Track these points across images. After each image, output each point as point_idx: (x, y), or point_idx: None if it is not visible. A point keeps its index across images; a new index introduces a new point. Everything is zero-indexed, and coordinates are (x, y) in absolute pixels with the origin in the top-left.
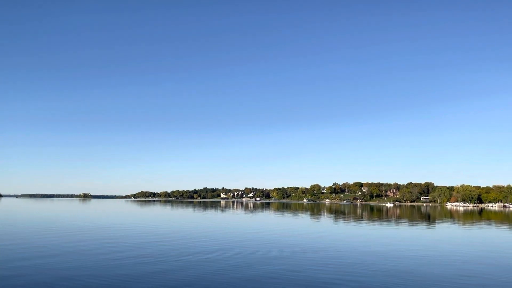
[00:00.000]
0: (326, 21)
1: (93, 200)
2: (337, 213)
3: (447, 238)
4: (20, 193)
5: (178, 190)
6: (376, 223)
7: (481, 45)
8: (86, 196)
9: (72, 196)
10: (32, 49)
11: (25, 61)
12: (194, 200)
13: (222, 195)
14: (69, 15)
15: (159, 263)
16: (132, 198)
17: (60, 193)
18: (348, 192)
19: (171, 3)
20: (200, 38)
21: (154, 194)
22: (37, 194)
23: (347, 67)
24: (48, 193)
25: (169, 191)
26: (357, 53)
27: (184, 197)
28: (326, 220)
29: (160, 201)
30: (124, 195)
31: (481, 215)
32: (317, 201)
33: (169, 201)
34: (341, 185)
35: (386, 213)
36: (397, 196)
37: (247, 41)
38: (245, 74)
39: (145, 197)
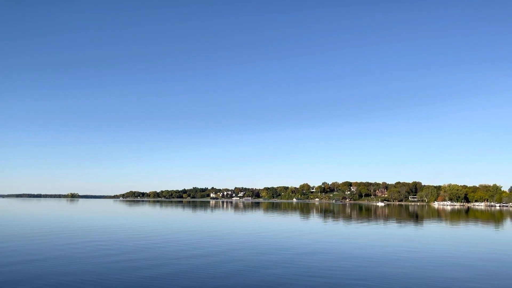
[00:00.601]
0: (313, 21)
1: (81, 200)
2: (326, 212)
3: (437, 237)
4: (6, 193)
5: (167, 190)
6: (366, 222)
7: (468, 46)
8: (73, 196)
9: (59, 196)
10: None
11: (16, 61)
12: (184, 200)
13: (211, 195)
14: (69, 15)
15: (147, 265)
16: (121, 198)
17: (47, 193)
18: (337, 191)
19: (171, 2)
20: (191, 38)
21: (143, 194)
22: (23, 194)
23: (337, 67)
24: (35, 193)
25: (158, 191)
26: (347, 53)
27: (173, 197)
28: (315, 219)
29: (149, 201)
30: (112, 195)
31: (467, 214)
32: (307, 201)
33: (158, 201)
34: (330, 184)
35: (375, 212)
36: (386, 196)
37: (237, 41)
38: (234, 74)
39: (134, 197)
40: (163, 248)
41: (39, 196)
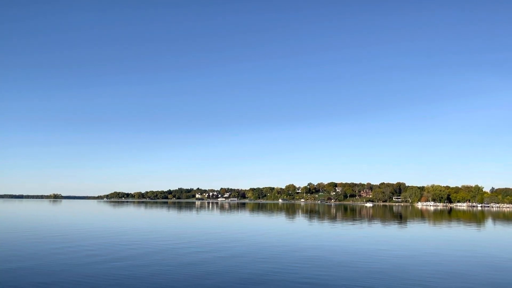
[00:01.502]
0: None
1: (64, 201)
2: (312, 213)
3: (421, 237)
4: None
5: (152, 191)
6: (355, 222)
7: (454, 49)
8: (56, 197)
9: (42, 196)
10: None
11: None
12: (169, 200)
13: (197, 196)
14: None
15: (132, 266)
16: (105, 199)
17: (29, 194)
18: (322, 192)
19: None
20: (179, 38)
21: (127, 195)
22: (5, 195)
23: (325, 68)
24: (17, 194)
25: (143, 192)
26: (333, 53)
27: (158, 198)
28: (301, 219)
29: (134, 201)
30: (96, 195)
31: (450, 215)
32: (292, 201)
33: (143, 202)
34: (316, 185)
35: (360, 213)
36: (370, 196)
37: (222, 41)
38: (220, 74)
39: (118, 198)
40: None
41: (20, 197)
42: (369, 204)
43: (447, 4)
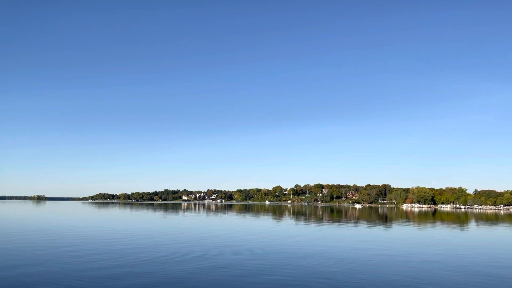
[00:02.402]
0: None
1: (48, 202)
2: (298, 214)
3: (405, 238)
4: None
5: (138, 192)
6: (341, 224)
7: (443, 52)
8: (40, 198)
9: (25, 198)
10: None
11: None
12: (155, 202)
13: (183, 197)
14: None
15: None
16: (90, 200)
17: (12, 195)
18: (309, 193)
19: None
20: (165, 40)
21: (113, 196)
22: None
23: (310, 69)
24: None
25: (128, 193)
26: (328, 54)
27: (144, 199)
28: (288, 221)
29: (119, 203)
30: (81, 197)
31: (434, 216)
32: (279, 203)
33: (128, 203)
34: (303, 186)
35: (346, 214)
36: (356, 198)
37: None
38: (205, 76)
39: (104, 199)
40: (131, 252)
41: (3, 198)
42: (357, 206)
43: (440, 6)
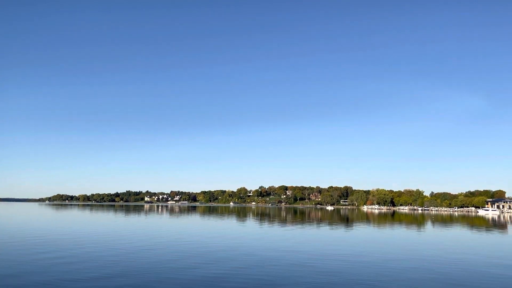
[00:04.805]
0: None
1: (0, 204)
2: (262, 215)
3: (365, 239)
4: None
5: (99, 194)
6: (304, 225)
7: (400, 58)
8: None
9: None
10: None
11: None
12: (116, 204)
13: (146, 199)
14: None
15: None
16: (47, 202)
17: None
18: (273, 195)
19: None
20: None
21: (71, 198)
22: None
23: (282, 71)
24: None
25: (88, 194)
26: (288, 60)
27: (105, 201)
28: (252, 222)
29: (78, 204)
30: (37, 198)
31: (393, 217)
32: (244, 204)
33: (88, 205)
34: (267, 188)
35: (309, 216)
36: (319, 199)
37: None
38: (170, 76)
39: (62, 201)
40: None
41: None
42: (329, 208)
43: (400, 11)
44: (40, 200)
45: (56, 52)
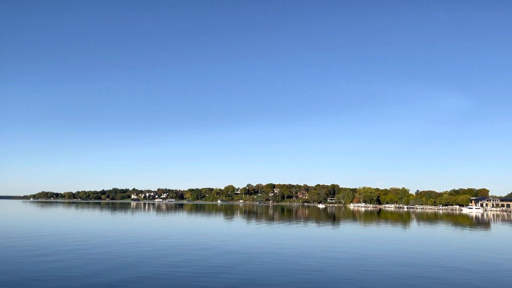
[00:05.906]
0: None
1: None
2: (250, 213)
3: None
4: None
5: (84, 191)
6: (291, 223)
7: (389, 57)
8: None
9: None
10: None
11: None
12: (102, 201)
13: (133, 196)
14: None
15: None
16: (32, 199)
17: None
18: (261, 193)
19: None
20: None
21: (57, 195)
22: None
23: (260, 70)
24: None
25: (74, 192)
26: (278, 57)
27: (90, 198)
28: (239, 220)
29: (64, 202)
30: (22, 195)
31: (379, 215)
32: (231, 202)
33: (73, 202)
34: (255, 186)
35: (296, 214)
36: (306, 197)
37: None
38: (161, 75)
39: (47, 198)
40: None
41: None
42: (321, 206)
43: (385, 12)
44: (25, 197)
45: (41, 50)
